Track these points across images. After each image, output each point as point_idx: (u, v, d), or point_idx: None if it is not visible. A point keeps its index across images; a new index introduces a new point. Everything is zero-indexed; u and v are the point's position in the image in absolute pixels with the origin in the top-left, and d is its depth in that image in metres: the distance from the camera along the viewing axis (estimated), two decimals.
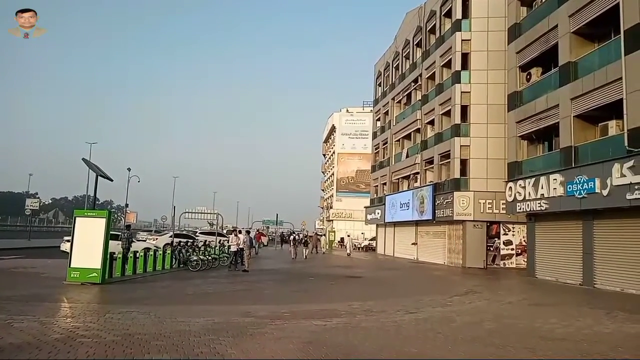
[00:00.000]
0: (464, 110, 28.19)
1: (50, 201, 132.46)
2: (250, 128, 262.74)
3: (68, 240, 15.99)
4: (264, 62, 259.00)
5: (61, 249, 23.29)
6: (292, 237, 35.89)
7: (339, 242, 56.94)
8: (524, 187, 20.79)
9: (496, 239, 26.96)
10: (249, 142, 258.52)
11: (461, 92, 28.16)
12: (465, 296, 14.15)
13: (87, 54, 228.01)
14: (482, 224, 26.87)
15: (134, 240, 20.31)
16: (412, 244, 34.05)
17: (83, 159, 16.79)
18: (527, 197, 20.55)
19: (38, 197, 69.43)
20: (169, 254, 18.98)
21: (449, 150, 28.68)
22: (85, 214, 14.34)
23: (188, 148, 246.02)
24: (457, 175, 27.88)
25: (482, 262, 26.33)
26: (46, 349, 6.20)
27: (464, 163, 27.86)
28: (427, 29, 33.69)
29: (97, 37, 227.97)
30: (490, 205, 26.47)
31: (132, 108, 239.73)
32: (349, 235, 43.51)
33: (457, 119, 28.20)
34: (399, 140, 38.89)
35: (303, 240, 35.10)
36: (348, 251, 38.77)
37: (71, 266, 13.25)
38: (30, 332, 7.16)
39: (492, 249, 26.93)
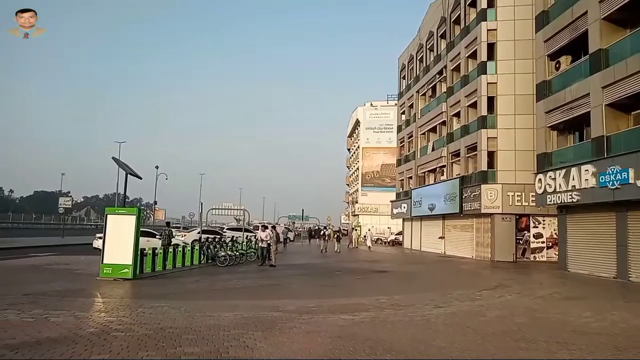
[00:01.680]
0: (491, 101, 27.73)
1: (82, 199, 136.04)
2: (275, 123, 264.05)
3: (100, 237, 16.40)
4: (287, 57, 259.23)
5: (94, 245, 23.90)
6: (322, 232, 36.96)
7: (364, 237, 56.86)
8: (554, 179, 20.33)
9: (526, 232, 26.49)
10: (274, 138, 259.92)
11: (487, 83, 27.70)
12: (494, 290, 13.94)
13: (111, 55, 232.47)
14: (511, 217, 26.44)
15: (173, 236, 20.88)
16: (439, 237, 33.72)
17: (113, 158, 17.16)
18: (557, 189, 20.09)
19: (70, 196, 71.22)
20: (197, 249, 19.25)
21: (476, 143, 28.27)
22: (116, 211, 14.66)
23: (213, 145, 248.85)
24: (484, 167, 27.47)
25: (512, 256, 25.92)
26: (82, 343, 6.38)
27: (491, 155, 27.43)
28: (452, 20, 33.21)
29: (116, 37, 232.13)
30: (519, 198, 26.01)
31: (157, 106, 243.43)
32: (369, 230, 43.68)
33: (484, 111, 27.76)
34: (424, 134, 38.51)
35: (336, 235, 35.66)
36: (368, 245, 38.90)
37: (104, 262, 13.58)
38: (67, 327, 7.37)
39: (521, 242, 26.48)
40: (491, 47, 28.00)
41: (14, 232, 45.25)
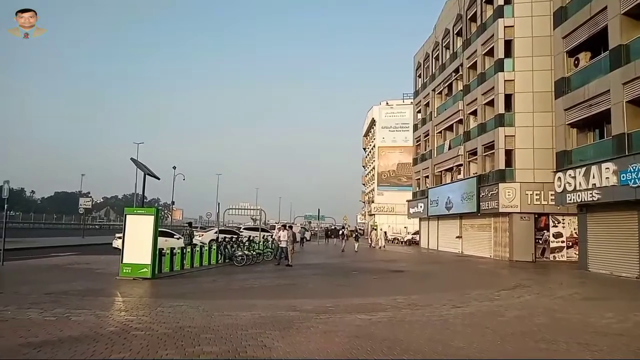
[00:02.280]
0: (508, 99, 27.42)
1: (101, 200, 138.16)
2: (290, 124, 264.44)
3: (119, 237, 16.60)
4: (301, 55, 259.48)
5: (113, 245, 24.21)
6: (341, 232, 38.22)
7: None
8: (574, 177, 20.01)
9: (545, 231, 26.14)
10: (290, 138, 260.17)
11: (504, 80, 27.39)
12: (513, 290, 13.79)
13: (125, 57, 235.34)
14: (530, 216, 26.11)
15: (194, 236, 21.46)
16: (457, 237, 33.46)
17: (132, 159, 17.39)
18: (577, 188, 19.78)
19: (90, 197, 72.32)
20: (214, 249, 19.40)
21: (493, 141, 27.98)
22: (135, 211, 14.84)
23: (229, 145, 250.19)
24: (502, 166, 27.17)
25: (531, 256, 25.58)
26: (103, 341, 6.49)
27: (509, 154, 27.13)
28: (468, 17, 32.92)
29: (127, 37, 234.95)
30: (538, 197, 25.67)
31: (171, 106, 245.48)
32: (381, 229, 44.01)
33: (501, 109, 27.46)
34: (440, 132, 38.25)
35: (354, 235, 36.24)
36: (380, 244, 39.19)
37: (123, 262, 13.76)
38: (88, 325, 7.50)
39: (541, 241, 26.14)
40: (508, 44, 27.69)
41: (35, 232, 46.13)
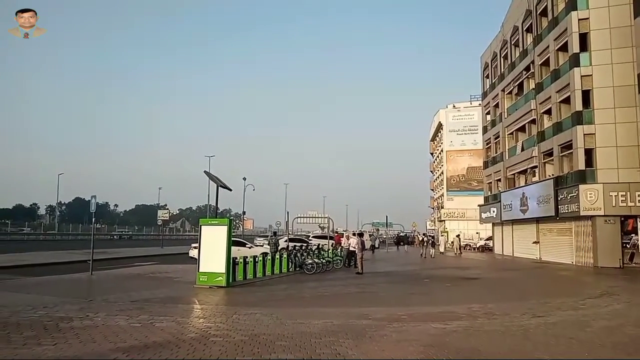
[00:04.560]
0: (586, 95, 25.86)
1: (177, 212, 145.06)
2: (354, 129, 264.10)
3: (195, 247, 17.27)
4: (362, 60, 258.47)
5: (190, 255, 25.26)
6: (421, 239, 40.63)
7: (451, 242, 55.36)
8: None
9: (633, 235, 24.32)
10: (356, 143, 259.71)
11: (581, 76, 25.88)
12: (600, 298, 12.91)
13: (194, 71, 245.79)
14: (615, 219, 24.39)
15: (279, 243, 23.40)
16: (534, 242, 31.88)
17: (205, 172, 18.15)
18: None
19: (167, 209, 76.05)
20: (285, 258, 19.71)
21: (571, 140, 26.47)
22: (209, 222, 15.42)
23: (296, 154, 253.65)
24: (581, 166, 25.61)
25: (618, 261, 23.86)
26: (184, 347, 6.77)
27: (589, 153, 25.53)
28: (538, 12, 31.55)
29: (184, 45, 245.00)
30: (623, 198, 23.94)
31: (238, 118, 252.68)
32: (442, 235, 43.68)
33: (579, 106, 25.94)
34: (512, 133, 36.77)
35: (430, 242, 37.30)
36: (441, 250, 39.68)
37: (200, 271, 14.33)
38: (170, 332, 7.86)
39: (629, 246, 24.32)
40: (584, 38, 26.18)
41: (118, 243, 49.23)
